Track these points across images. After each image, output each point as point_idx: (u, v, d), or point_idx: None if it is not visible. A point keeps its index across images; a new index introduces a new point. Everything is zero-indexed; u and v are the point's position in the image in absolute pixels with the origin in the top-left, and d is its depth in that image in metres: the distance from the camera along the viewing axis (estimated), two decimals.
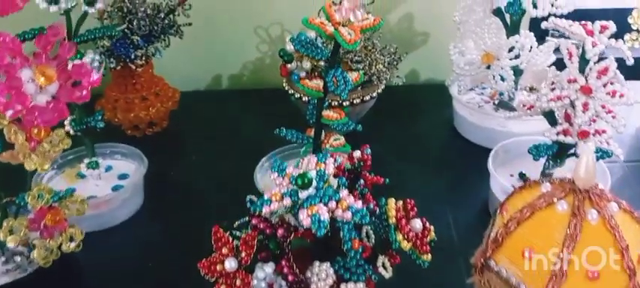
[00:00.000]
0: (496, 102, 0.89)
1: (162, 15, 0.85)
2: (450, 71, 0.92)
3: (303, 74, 0.86)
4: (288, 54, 0.84)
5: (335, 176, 0.53)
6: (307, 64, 0.84)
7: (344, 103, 0.84)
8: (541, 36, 0.82)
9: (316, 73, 0.85)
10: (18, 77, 0.44)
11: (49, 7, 0.67)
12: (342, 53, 0.85)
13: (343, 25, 0.63)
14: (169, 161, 0.88)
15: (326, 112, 0.68)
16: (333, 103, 0.75)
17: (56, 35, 0.46)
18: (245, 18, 1.06)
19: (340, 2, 0.80)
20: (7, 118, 0.43)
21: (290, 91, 0.88)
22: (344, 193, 0.49)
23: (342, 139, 0.72)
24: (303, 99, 0.85)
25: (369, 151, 0.58)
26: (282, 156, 0.80)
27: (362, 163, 0.57)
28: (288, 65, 0.84)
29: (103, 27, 0.74)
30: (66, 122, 0.72)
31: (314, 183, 0.49)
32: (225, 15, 1.05)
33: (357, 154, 0.57)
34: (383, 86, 0.85)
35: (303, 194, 0.49)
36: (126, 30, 0.83)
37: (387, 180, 0.56)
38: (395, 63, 0.86)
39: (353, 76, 0.67)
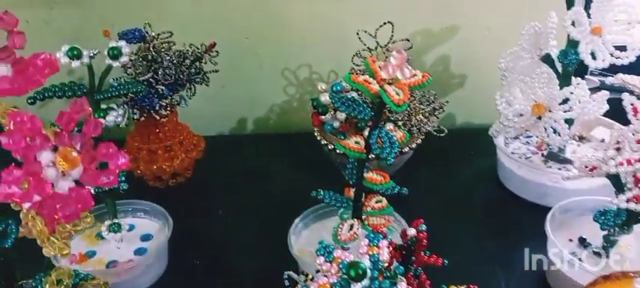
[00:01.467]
0: (544, 153, 0.82)
1: (188, 62, 0.81)
2: (488, 115, 0.86)
3: (336, 124, 0.81)
4: (322, 105, 0.79)
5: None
6: (342, 115, 0.79)
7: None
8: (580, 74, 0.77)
9: (351, 124, 0.80)
10: (37, 162, 0.39)
11: (72, 63, 0.63)
12: None
13: (389, 83, 0.57)
14: (194, 217, 0.83)
15: (369, 175, 0.62)
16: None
17: (80, 112, 0.41)
18: (272, 60, 1.01)
19: (385, 58, 0.75)
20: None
21: (323, 142, 0.82)
22: (402, 286, 0.43)
23: (384, 201, 0.66)
24: (337, 151, 0.80)
25: (424, 227, 0.52)
26: (317, 215, 0.74)
27: (416, 241, 0.51)
28: (322, 117, 0.80)
29: (128, 82, 0.69)
30: None
31: (368, 273, 0.44)
32: (250, 56, 1.01)
33: (412, 231, 0.51)
34: (423, 137, 0.79)
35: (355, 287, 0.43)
36: (150, 79, 0.79)
37: (446, 261, 0.50)
38: (436, 112, 0.80)
39: (398, 136, 0.61)
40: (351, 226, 0.65)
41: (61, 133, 0.40)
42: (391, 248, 0.48)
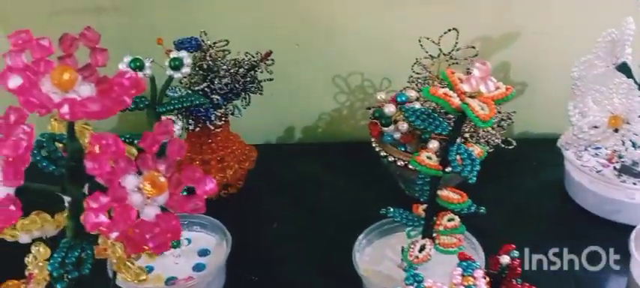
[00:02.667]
0: (617, 166, 0.78)
1: (242, 71, 0.78)
2: (548, 125, 0.82)
3: (397, 135, 0.78)
4: (385, 116, 0.76)
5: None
6: (404, 126, 0.76)
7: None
8: None
9: (414, 136, 0.77)
10: (122, 187, 0.36)
11: (138, 73, 0.61)
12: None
13: (471, 97, 0.54)
14: (248, 229, 0.80)
15: (445, 193, 0.59)
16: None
17: (165, 133, 0.38)
18: (322, 67, 0.98)
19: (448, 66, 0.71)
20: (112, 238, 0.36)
21: (382, 153, 0.79)
22: None
23: (457, 220, 0.62)
24: (398, 163, 0.77)
25: (516, 253, 0.49)
26: (380, 231, 0.71)
27: (508, 269, 0.48)
28: (385, 128, 0.76)
29: (190, 94, 0.67)
30: None
31: None
32: (300, 64, 0.98)
33: (505, 259, 0.48)
34: (492, 150, 0.76)
35: None
36: (205, 89, 0.77)
37: None
38: (503, 123, 0.77)
39: (477, 151, 0.58)
40: (423, 247, 0.61)
41: (145, 155, 0.38)
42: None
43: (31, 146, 0.37)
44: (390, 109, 0.74)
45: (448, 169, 0.57)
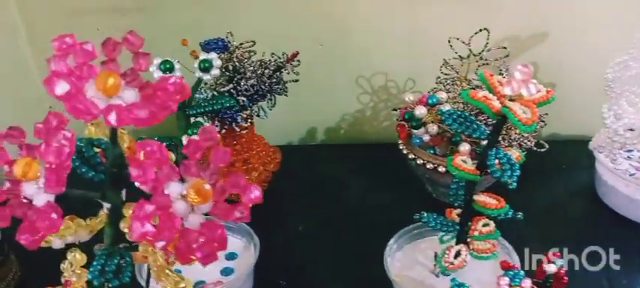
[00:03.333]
0: None
1: (268, 72, 0.77)
2: (577, 126, 0.80)
3: (426, 138, 0.77)
4: (416, 119, 0.74)
5: None
6: (434, 128, 0.75)
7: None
8: None
9: (443, 138, 0.76)
10: (166, 195, 0.35)
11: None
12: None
13: (511, 100, 0.53)
14: (274, 232, 0.79)
15: (482, 198, 0.57)
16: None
17: (209, 140, 0.37)
18: (346, 67, 0.97)
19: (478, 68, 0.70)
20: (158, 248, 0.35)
21: (410, 156, 0.78)
22: None
23: (492, 225, 0.61)
24: (428, 166, 0.75)
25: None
26: (410, 236, 0.70)
27: (552, 279, 0.47)
28: (414, 130, 0.75)
29: (220, 96, 0.66)
30: None
31: None
32: (324, 64, 0.97)
33: (551, 268, 0.46)
34: (525, 153, 0.74)
35: None
36: (231, 90, 0.76)
37: None
38: (537, 125, 0.75)
39: (515, 156, 0.57)
40: (458, 253, 0.60)
41: (188, 162, 0.37)
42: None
43: (73, 152, 0.36)
44: (420, 111, 0.72)
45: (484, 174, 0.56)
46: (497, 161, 0.54)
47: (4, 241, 0.71)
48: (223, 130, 0.78)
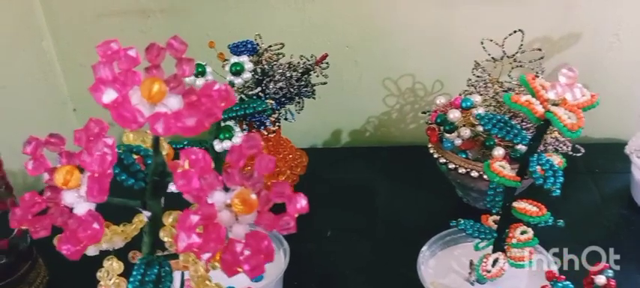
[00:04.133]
0: None
1: (297, 75, 0.76)
2: (611, 129, 0.78)
3: (458, 142, 0.75)
4: (449, 123, 0.73)
5: None
6: (467, 132, 0.73)
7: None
8: None
9: (476, 143, 0.74)
10: (210, 204, 0.34)
11: (196, 80, 0.60)
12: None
13: (554, 104, 0.51)
14: (302, 238, 0.77)
15: (522, 205, 0.56)
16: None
17: (253, 147, 0.36)
18: (372, 69, 0.96)
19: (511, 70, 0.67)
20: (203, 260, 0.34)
21: (441, 160, 0.76)
22: None
23: (531, 232, 0.59)
24: (460, 170, 0.74)
25: (610, 273, 0.46)
26: (444, 242, 0.68)
27: None
28: (447, 134, 0.74)
29: (253, 100, 0.65)
30: None
31: None
32: (350, 66, 0.96)
33: (601, 280, 0.45)
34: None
35: None
36: (259, 93, 0.75)
37: None
38: None
39: (556, 161, 0.55)
40: (496, 261, 0.59)
41: (232, 170, 0.36)
42: None
43: (115, 160, 0.36)
44: (454, 114, 0.71)
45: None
46: (539, 167, 0.53)
47: (32, 245, 0.71)
48: None
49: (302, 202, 0.36)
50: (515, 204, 0.57)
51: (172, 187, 0.39)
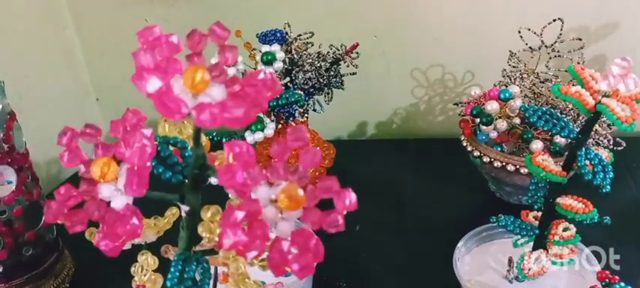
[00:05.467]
0: None
1: (327, 65, 0.74)
2: None
3: (493, 135, 0.73)
4: (486, 115, 0.70)
5: None
6: (503, 125, 0.71)
7: None
8: None
9: (512, 135, 0.72)
10: (254, 200, 0.33)
11: (227, 70, 0.58)
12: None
13: (606, 96, 0.48)
14: (329, 233, 0.76)
15: (568, 202, 0.53)
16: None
17: (299, 140, 0.34)
18: (400, 60, 0.94)
19: (549, 59, 0.65)
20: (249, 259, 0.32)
21: (475, 153, 0.74)
22: None
23: (573, 229, 0.57)
24: (495, 164, 0.71)
25: None
26: (479, 238, 0.66)
27: None
28: (484, 126, 0.71)
29: (287, 91, 0.63)
30: None
31: None
32: (377, 56, 0.93)
33: None
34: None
35: None
36: (288, 84, 0.73)
37: None
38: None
39: (604, 155, 0.53)
40: (538, 258, 0.56)
41: (276, 164, 0.34)
42: None
43: (155, 152, 0.34)
44: (492, 106, 0.68)
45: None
46: (588, 162, 0.50)
47: (58, 237, 0.70)
48: (279, 126, 0.75)
49: (351, 198, 0.34)
50: (559, 200, 0.54)
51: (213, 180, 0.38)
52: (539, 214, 0.58)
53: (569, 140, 0.68)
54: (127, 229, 0.34)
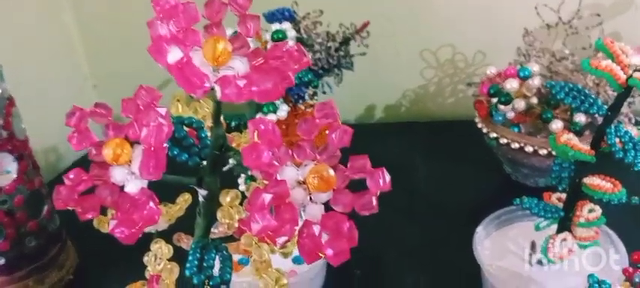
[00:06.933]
0: None
1: (336, 45, 0.72)
2: None
3: (511, 115, 0.70)
4: (504, 94, 0.68)
5: None
6: (521, 104, 0.68)
7: None
8: None
9: (531, 116, 0.70)
10: (282, 181, 0.30)
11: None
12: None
13: (638, 70, 0.46)
14: None
15: (596, 182, 0.51)
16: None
17: (329, 116, 0.32)
18: (410, 40, 0.91)
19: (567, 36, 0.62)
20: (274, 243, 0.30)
21: (492, 135, 0.71)
22: None
23: (599, 210, 0.55)
24: (513, 145, 0.69)
25: None
26: (499, 222, 0.64)
27: None
28: (503, 106, 0.69)
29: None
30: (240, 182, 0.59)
31: None
32: (386, 37, 0.90)
33: None
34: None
35: None
36: None
37: None
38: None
39: (634, 132, 0.50)
40: (564, 242, 0.54)
41: (303, 143, 0.32)
42: None
43: (171, 132, 0.31)
44: (512, 85, 0.66)
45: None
46: (618, 139, 0.48)
47: (61, 228, 0.68)
48: (289, 108, 0.73)
49: (385, 178, 0.32)
50: (586, 180, 0.52)
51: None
52: (563, 195, 0.56)
53: (595, 117, 0.66)
54: (143, 214, 0.31)
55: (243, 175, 0.55)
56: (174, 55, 0.27)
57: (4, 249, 0.60)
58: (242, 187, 0.51)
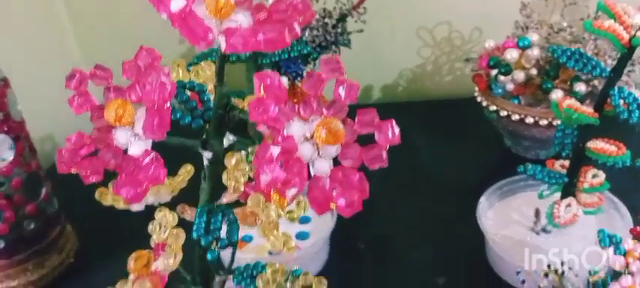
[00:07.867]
0: None
1: (333, 21, 0.71)
2: None
3: (510, 87, 0.70)
4: (504, 65, 0.68)
5: None
6: (521, 75, 0.68)
7: None
8: None
9: (530, 86, 0.69)
10: (289, 136, 0.30)
11: None
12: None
13: None
14: None
15: (599, 145, 0.51)
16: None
17: (335, 71, 0.32)
18: (405, 18, 0.90)
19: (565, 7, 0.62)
20: (287, 199, 0.29)
21: (492, 108, 0.71)
22: None
23: (602, 176, 0.55)
24: (513, 117, 0.69)
25: None
26: (502, 193, 0.64)
27: None
28: (503, 77, 0.69)
29: (297, 43, 0.60)
30: None
31: None
32: (381, 15, 0.90)
33: None
34: None
35: None
36: (293, 42, 0.70)
37: None
38: None
39: (637, 94, 0.50)
40: (568, 207, 0.54)
41: (309, 99, 0.31)
42: None
43: (175, 91, 0.31)
44: (512, 55, 0.66)
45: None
46: (622, 101, 0.48)
47: (60, 211, 0.67)
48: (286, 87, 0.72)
49: (394, 130, 0.32)
50: (590, 144, 0.52)
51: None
52: (566, 162, 0.56)
53: (595, 86, 0.66)
54: (149, 174, 0.31)
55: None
56: (177, 2, 0.26)
57: (3, 232, 0.59)
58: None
